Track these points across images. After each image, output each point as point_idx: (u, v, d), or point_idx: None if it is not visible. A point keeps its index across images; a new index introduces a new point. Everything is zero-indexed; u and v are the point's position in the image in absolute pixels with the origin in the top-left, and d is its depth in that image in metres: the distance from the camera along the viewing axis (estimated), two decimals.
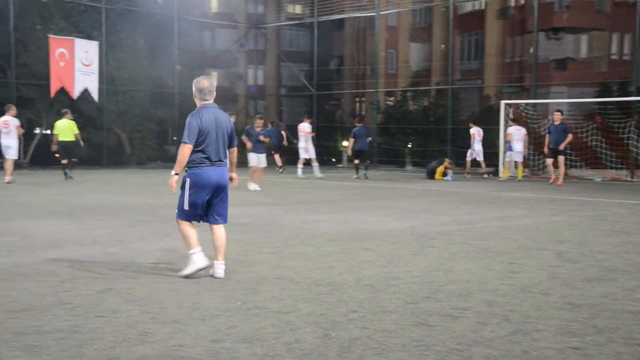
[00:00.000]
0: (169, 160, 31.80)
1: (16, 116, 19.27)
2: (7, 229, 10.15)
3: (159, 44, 30.76)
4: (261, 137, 17.91)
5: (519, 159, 22.13)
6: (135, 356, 4.44)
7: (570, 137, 19.81)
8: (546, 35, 37.17)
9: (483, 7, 40.55)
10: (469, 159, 23.57)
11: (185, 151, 6.79)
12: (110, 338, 4.81)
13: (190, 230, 6.97)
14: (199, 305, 5.74)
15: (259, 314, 5.47)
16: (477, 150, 23.38)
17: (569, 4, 37.15)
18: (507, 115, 23.72)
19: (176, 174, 6.85)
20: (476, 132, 23.44)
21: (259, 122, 18.05)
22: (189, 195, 6.88)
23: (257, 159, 17.77)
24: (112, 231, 9.99)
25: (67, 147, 20.34)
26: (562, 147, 19.58)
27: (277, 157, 24.94)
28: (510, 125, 22.54)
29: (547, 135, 20.06)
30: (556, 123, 19.81)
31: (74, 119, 20.98)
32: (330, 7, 30.70)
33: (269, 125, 26.00)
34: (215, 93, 7.14)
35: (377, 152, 28.38)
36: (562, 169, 19.93)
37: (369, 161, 23.85)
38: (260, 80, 41.52)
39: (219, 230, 7.05)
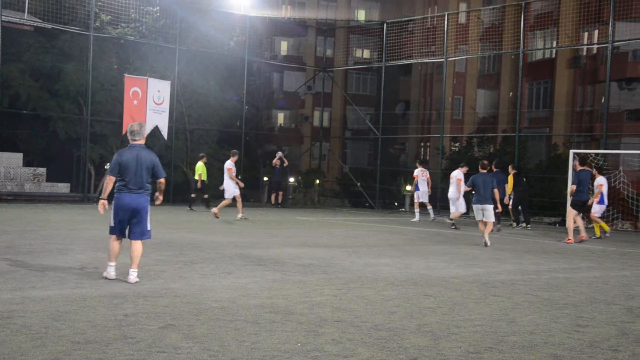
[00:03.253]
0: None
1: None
2: (74, 261, 10.38)
3: (228, 84, 31.39)
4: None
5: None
6: None
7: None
8: (619, 85, 36.51)
9: (554, 56, 40.15)
10: (416, 201, 23.23)
11: (107, 181, 8.75)
12: None
13: (114, 245, 8.76)
14: (258, 345, 5.74)
15: (318, 357, 5.44)
16: (421, 191, 22.95)
17: None
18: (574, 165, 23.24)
19: (102, 198, 8.75)
20: (419, 172, 23.02)
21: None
22: (113, 214, 8.71)
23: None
24: (176, 267, 10.12)
25: (203, 185, 24.53)
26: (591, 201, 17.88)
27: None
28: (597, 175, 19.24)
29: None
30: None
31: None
32: (398, 52, 30.86)
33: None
34: (145, 135, 8.93)
35: (439, 196, 28.12)
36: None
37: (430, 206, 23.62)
38: (326, 123, 41.84)
39: (136, 244, 8.73)
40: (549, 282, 9.99)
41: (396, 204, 32.53)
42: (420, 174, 23.14)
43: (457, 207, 20.46)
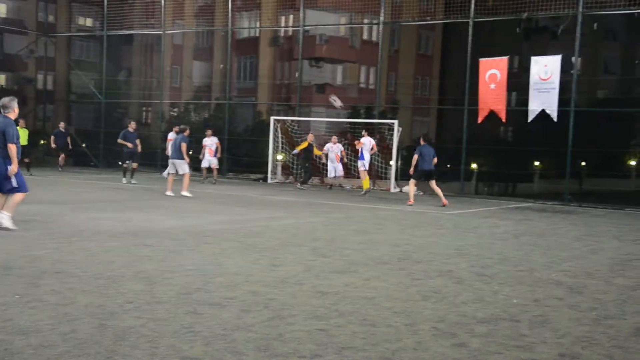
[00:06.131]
0: None
1: None
2: None
3: None
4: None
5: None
6: None
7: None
8: (309, 63, 38.63)
9: (258, 35, 41.27)
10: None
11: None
12: None
13: None
14: None
15: (37, 307, 5.10)
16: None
17: (327, 39, 38.94)
18: (276, 129, 24.27)
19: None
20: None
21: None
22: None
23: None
24: None
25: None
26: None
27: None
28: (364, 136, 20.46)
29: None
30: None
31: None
32: (120, 22, 29.50)
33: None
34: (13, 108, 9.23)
35: (160, 157, 27.72)
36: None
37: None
38: (50, 86, 38.87)
39: None
40: (252, 230, 10.38)
41: (119, 163, 31.38)
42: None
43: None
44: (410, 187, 16.54)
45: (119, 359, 4.04)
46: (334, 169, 21.66)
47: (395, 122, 22.04)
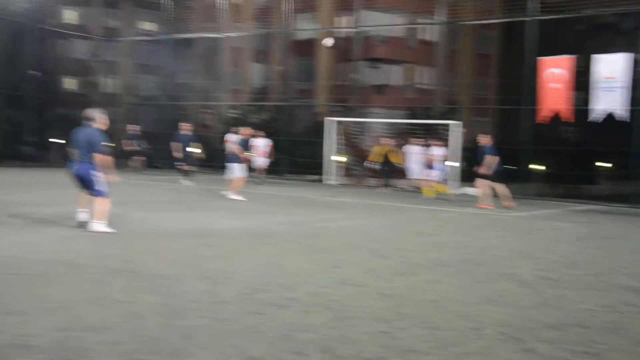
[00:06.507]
0: (24, 159, 29.78)
1: None
2: None
3: (15, 50, 28.76)
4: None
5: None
6: None
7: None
8: (366, 64, 38.53)
9: (315, 37, 41.43)
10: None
11: None
12: None
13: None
14: (48, 297, 5.39)
15: (106, 304, 5.22)
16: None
17: (385, 39, 38.80)
18: (338, 132, 24.26)
19: None
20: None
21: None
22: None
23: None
24: None
25: None
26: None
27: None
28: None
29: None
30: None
31: None
32: (182, 26, 30.13)
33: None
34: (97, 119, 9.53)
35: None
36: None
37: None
38: (116, 90, 39.97)
39: None
40: (311, 231, 10.40)
41: (177, 164, 31.96)
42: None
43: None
44: (483, 189, 15.73)
45: (186, 357, 4.09)
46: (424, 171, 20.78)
47: (460, 123, 21.74)
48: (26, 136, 31.51)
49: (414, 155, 20.73)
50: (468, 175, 18.30)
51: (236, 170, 15.74)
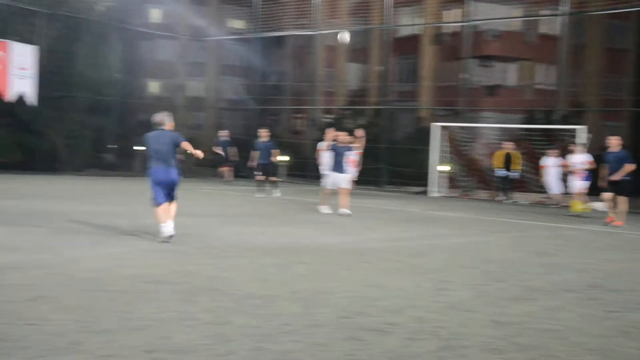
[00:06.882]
0: (106, 167, 31.18)
1: None
2: None
3: (99, 51, 30.24)
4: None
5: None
6: None
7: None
8: (477, 62, 37.96)
9: (419, 33, 41.24)
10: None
11: None
12: (39, 347, 4.66)
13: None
14: (132, 314, 5.62)
15: (193, 325, 5.39)
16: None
17: (498, 34, 38.10)
18: (440, 137, 24.05)
19: None
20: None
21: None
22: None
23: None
24: (44, 237, 9.71)
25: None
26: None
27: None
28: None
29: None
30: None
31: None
32: (271, 24, 30.74)
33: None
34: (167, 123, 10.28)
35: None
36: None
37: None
38: (200, 92, 41.25)
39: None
40: (414, 249, 10.35)
41: (255, 173, 32.51)
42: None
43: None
44: (610, 202, 15.11)
45: None
46: (560, 184, 20.41)
47: (584, 127, 21.07)
48: (108, 143, 33.03)
49: (551, 168, 20.17)
50: (592, 187, 17.61)
51: (329, 182, 15.80)
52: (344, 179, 15.50)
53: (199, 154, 10.56)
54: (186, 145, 10.25)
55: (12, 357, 4.43)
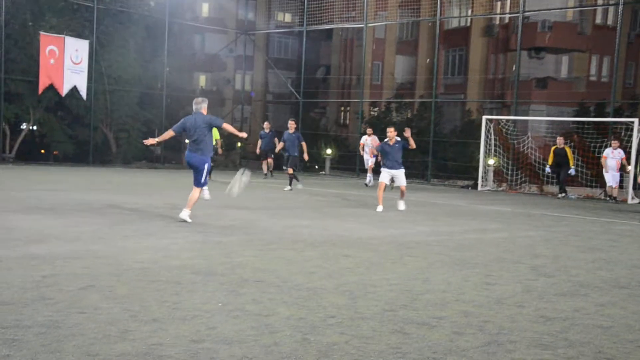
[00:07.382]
0: (155, 160, 31.67)
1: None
2: None
3: (149, 45, 30.70)
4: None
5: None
6: (115, 353, 4.41)
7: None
8: (528, 54, 37.44)
9: (468, 24, 40.80)
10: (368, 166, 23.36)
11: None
12: (90, 335, 4.77)
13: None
14: (179, 305, 5.71)
15: (239, 316, 5.45)
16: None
17: (551, 25, 37.47)
18: (488, 130, 23.83)
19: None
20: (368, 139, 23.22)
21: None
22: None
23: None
24: (95, 228, 9.92)
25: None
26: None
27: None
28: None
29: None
30: None
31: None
32: (319, 17, 30.75)
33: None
34: (200, 106, 10.78)
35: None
36: None
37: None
38: (248, 86, 41.52)
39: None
40: (461, 243, 10.28)
41: (317, 167, 32.69)
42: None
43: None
44: None
45: None
46: (612, 177, 20.65)
47: (636, 120, 20.63)
48: (157, 136, 33.50)
49: (609, 160, 20.23)
50: None
51: (384, 177, 14.99)
52: (399, 175, 14.91)
53: (243, 134, 11.03)
54: (227, 127, 10.59)
55: (65, 344, 4.54)
